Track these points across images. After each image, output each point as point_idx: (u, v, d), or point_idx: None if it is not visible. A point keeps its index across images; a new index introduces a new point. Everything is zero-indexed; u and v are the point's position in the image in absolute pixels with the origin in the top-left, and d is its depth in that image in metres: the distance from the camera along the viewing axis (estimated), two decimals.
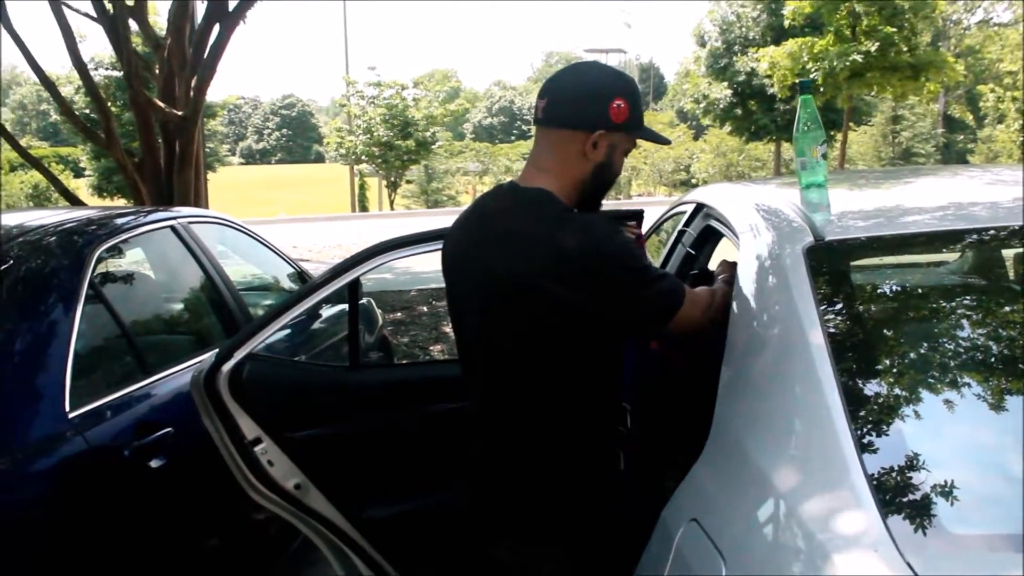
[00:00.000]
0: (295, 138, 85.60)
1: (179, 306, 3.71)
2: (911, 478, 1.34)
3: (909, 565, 1.15)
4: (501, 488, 2.01)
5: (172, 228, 3.55)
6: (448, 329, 8.72)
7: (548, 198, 1.89)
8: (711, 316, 1.96)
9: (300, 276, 4.75)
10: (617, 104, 1.91)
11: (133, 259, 3.55)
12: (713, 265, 3.12)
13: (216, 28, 8.78)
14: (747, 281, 1.89)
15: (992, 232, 1.98)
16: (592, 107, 1.91)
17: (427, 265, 2.17)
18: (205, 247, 3.67)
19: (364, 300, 5.13)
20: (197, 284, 3.64)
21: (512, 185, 1.99)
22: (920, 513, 1.27)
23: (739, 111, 30.67)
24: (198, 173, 9.39)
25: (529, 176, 1.96)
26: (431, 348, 8.15)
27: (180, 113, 8.64)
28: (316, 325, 4.23)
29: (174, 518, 2.76)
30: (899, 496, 1.31)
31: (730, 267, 2.16)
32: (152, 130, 8.88)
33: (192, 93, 8.82)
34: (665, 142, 2.15)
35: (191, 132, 8.78)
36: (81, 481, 2.42)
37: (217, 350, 2.43)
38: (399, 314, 9.71)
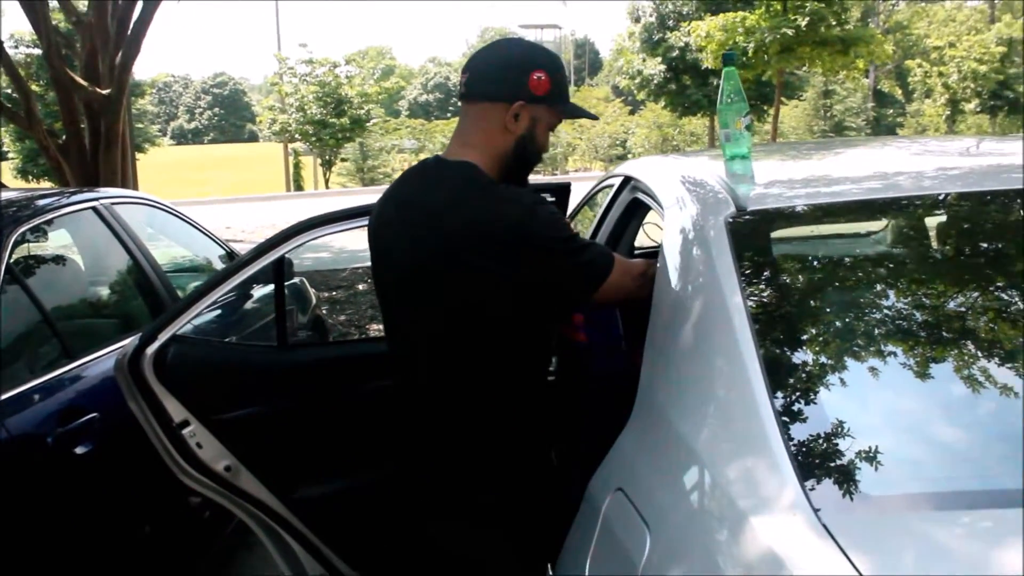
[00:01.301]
0: (227, 117, 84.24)
1: (104, 289, 3.63)
2: (830, 444, 1.36)
3: (826, 527, 1.17)
4: (433, 467, 2.01)
5: (95, 209, 3.46)
6: None
7: (472, 171, 1.89)
8: (644, 284, 1.95)
9: (231, 257, 4.67)
10: (537, 76, 1.91)
11: (55, 242, 3.46)
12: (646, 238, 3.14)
13: (140, 3, 8.56)
14: (671, 252, 1.90)
15: (914, 201, 2.01)
16: (511, 78, 1.92)
17: (363, 243, 2.15)
18: (130, 228, 3.59)
19: (296, 279, 5.07)
20: (122, 266, 3.56)
21: (437, 159, 1.99)
22: (838, 477, 1.29)
23: (673, 86, 30.88)
24: (125, 154, 9.19)
25: (454, 151, 1.96)
26: (368, 327, 8.09)
27: (104, 92, 8.44)
28: (247, 305, 4.17)
29: (103, 505, 2.70)
30: (818, 461, 1.33)
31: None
32: (76, 110, 8.66)
33: (117, 71, 8.63)
34: (592, 117, 2.16)
35: (117, 111, 8.59)
36: (2, 470, 2.36)
37: (140, 333, 2.39)
38: (335, 292, 9.62)
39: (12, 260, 2.78)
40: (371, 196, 2.54)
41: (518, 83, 1.91)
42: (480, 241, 1.79)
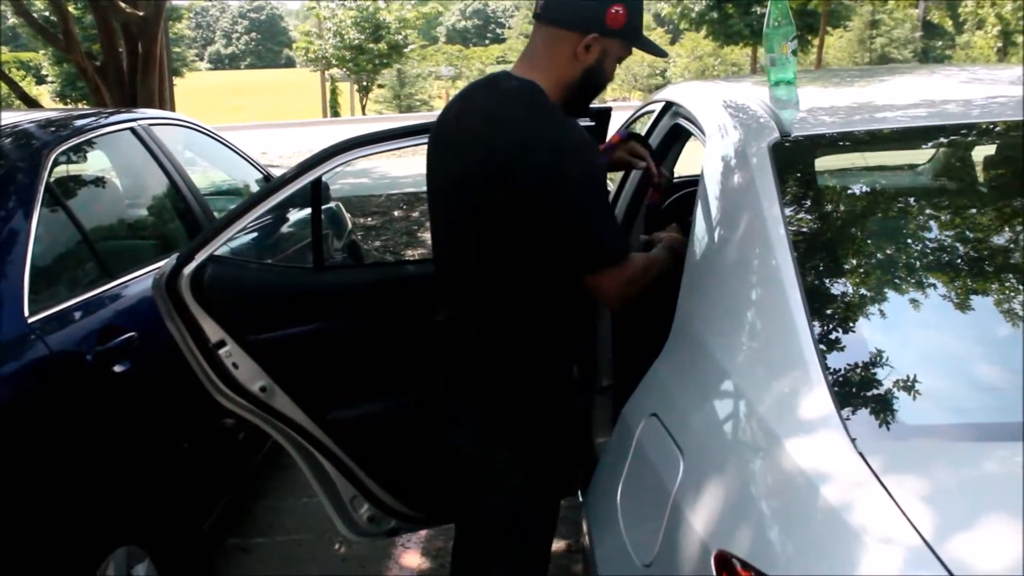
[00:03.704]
0: (264, 42, 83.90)
1: (141, 210, 3.64)
2: (868, 373, 1.35)
3: (862, 455, 1.16)
4: (450, 377, 2.03)
5: (132, 130, 3.45)
6: (421, 234, 8.68)
7: (534, 89, 1.87)
8: (631, 292, 1.88)
9: (267, 181, 4.67)
10: (615, 10, 1.87)
11: (93, 162, 3.47)
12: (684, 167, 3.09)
13: None
14: (712, 178, 1.87)
15: (961, 130, 1.96)
16: (589, 9, 1.87)
17: (406, 169, 2.13)
18: (168, 150, 3.58)
19: (332, 204, 5.07)
20: (160, 187, 3.57)
21: (505, 74, 1.97)
22: (875, 406, 1.28)
23: (715, 15, 30.20)
24: (162, 77, 9.18)
25: (520, 69, 1.94)
26: (404, 253, 8.11)
27: (141, 14, 8.40)
28: (284, 228, 4.18)
29: (141, 424, 2.75)
30: (855, 390, 1.32)
31: (676, 235, 2.11)
32: (113, 32, 8.64)
33: None
34: (663, 54, 2.13)
35: (154, 34, 8.55)
36: (42, 387, 2.40)
37: (178, 254, 2.39)
38: (370, 219, 9.64)
39: (51, 180, 2.78)
40: (407, 122, 2.51)
41: (596, 15, 1.87)
42: (525, 159, 1.78)
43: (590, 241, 1.83)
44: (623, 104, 29.62)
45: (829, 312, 1.47)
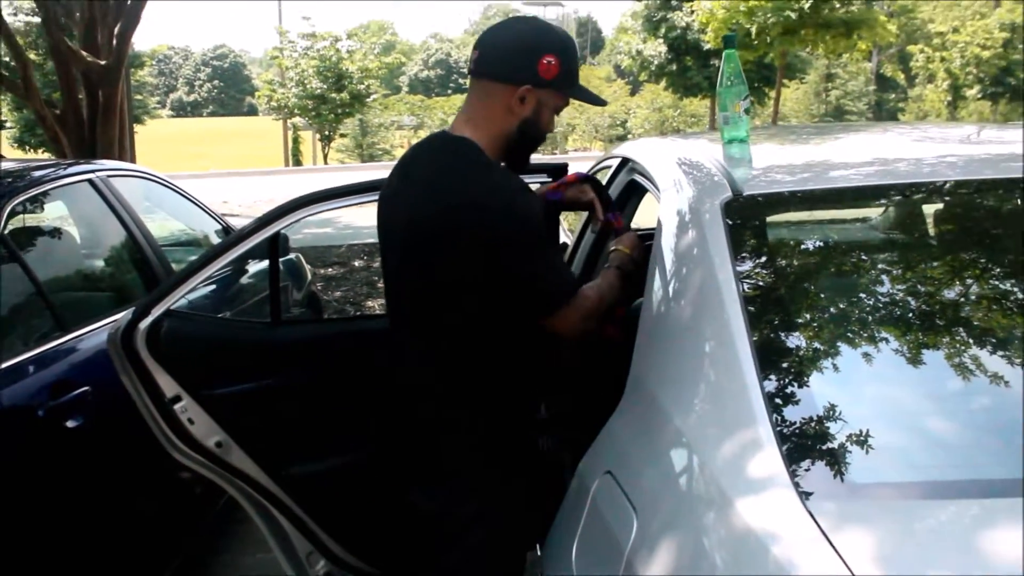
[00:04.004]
0: (227, 90, 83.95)
1: (98, 262, 3.62)
2: (819, 430, 1.35)
3: (811, 514, 1.17)
4: (421, 438, 2.03)
5: (91, 182, 3.44)
6: (383, 285, 8.65)
7: (470, 146, 1.90)
8: (589, 326, 1.95)
9: (226, 232, 4.66)
10: (547, 61, 1.91)
11: (50, 213, 3.45)
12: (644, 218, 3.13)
13: None
14: (666, 234, 1.90)
15: (912, 189, 2.00)
16: (521, 61, 1.91)
17: (368, 219, 2.16)
18: (126, 202, 3.57)
19: (292, 255, 5.06)
20: (117, 240, 3.55)
21: (441, 133, 2.01)
22: (826, 464, 1.29)
23: (674, 67, 30.73)
24: (123, 125, 9.15)
25: (458, 126, 1.97)
26: (365, 304, 8.09)
27: (103, 62, 8.39)
28: (243, 281, 4.16)
29: (94, 479, 2.71)
30: (806, 447, 1.33)
31: (627, 251, 2.13)
32: (74, 80, 8.62)
33: (116, 41, 8.58)
34: (600, 103, 2.15)
35: (115, 82, 8.54)
36: None
37: (134, 307, 2.38)
38: (331, 269, 9.61)
39: (7, 231, 2.76)
40: (370, 172, 2.54)
41: (527, 67, 1.90)
42: (458, 216, 1.81)
43: (538, 289, 1.87)
44: (584, 155, 29.98)
45: (781, 369, 1.48)
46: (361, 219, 12.75)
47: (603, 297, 1.98)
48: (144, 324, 2.33)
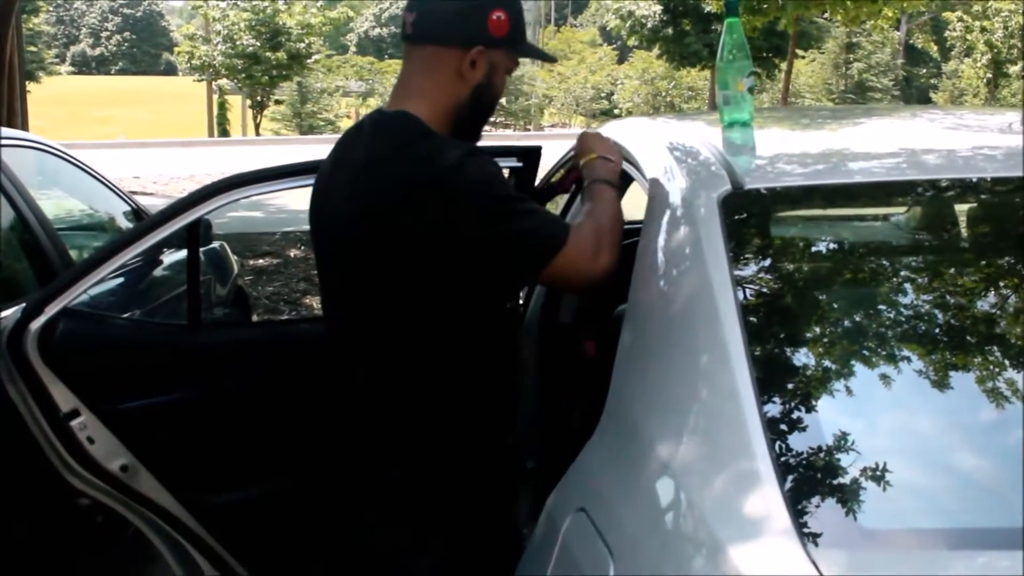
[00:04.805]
0: (140, 44, 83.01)
1: None
2: (826, 467, 1.37)
3: (814, 563, 1.19)
4: (373, 466, 2.03)
5: None
6: None
7: (406, 121, 1.91)
8: (601, 261, 1.91)
9: (137, 214, 4.63)
10: (496, 16, 1.93)
11: None
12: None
13: None
14: (653, 233, 1.91)
15: (942, 184, 2.02)
16: (468, 20, 1.93)
17: (304, 202, 2.17)
18: (15, 177, 3.54)
19: (215, 244, 5.04)
20: (4, 222, 3.51)
21: (377, 112, 2.03)
22: (832, 505, 1.31)
23: (670, 31, 30.83)
24: (12, 82, 9.05)
25: (396, 101, 1.98)
26: (303, 301, 8.06)
27: None
28: (155, 274, 4.14)
29: None
30: (810, 485, 1.34)
31: (594, 156, 2.15)
32: None
33: None
34: (549, 59, 2.23)
35: (3, 32, 8.43)
36: None
37: (24, 304, 2.36)
38: (262, 260, 9.57)
39: None
40: (309, 146, 2.54)
41: (476, 25, 1.93)
42: (403, 199, 1.82)
43: (521, 243, 1.87)
44: (562, 132, 30.04)
45: (784, 391, 1.50)
46: (297, 202, 12.64)
47: (598, 220, 1.96)
48: (36, 325, 2.31)
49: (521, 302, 2.81)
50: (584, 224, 1.95)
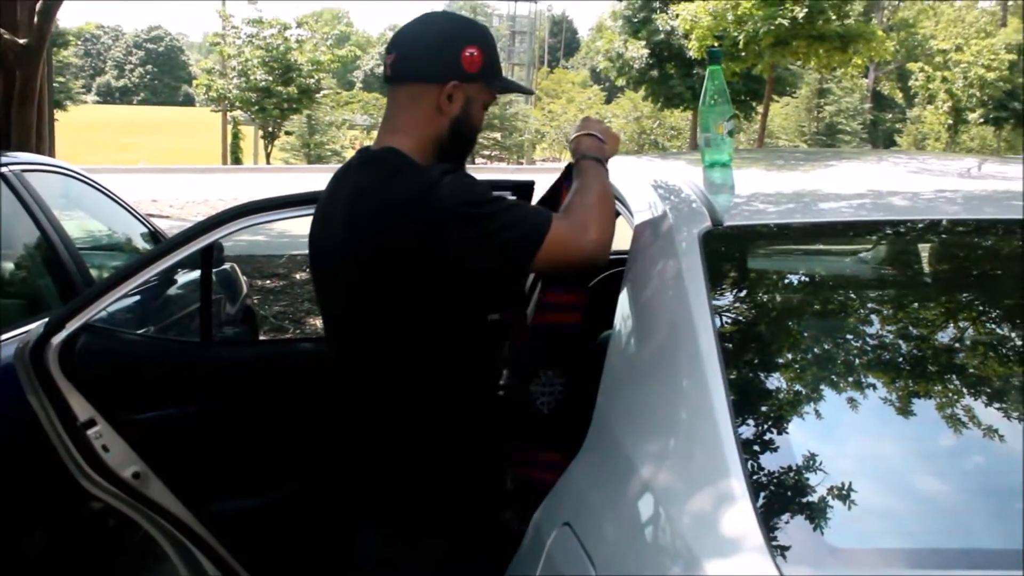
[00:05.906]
0: (161, 76, 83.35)
1: (7, 264, 3.57)
2: (798, 486, 1.36)
3: None
4: (371, 474, 2.02)
5: (2, 176, 3.40)
6: None
7: (391, 155, 1.92)
8: (595, 230, 1.89)
9: (154, 236, 4.63)
10: (470, 52, 1.95)
11: None
12: None
13: None
14: (639, 265, 1.92)
15: (906, 225, 2.03)
16: (443, 57, 1.95)
17: (304, 227, 2.18)
18: (41, 200, 3.54)
19: (227, 266, 5.03)
20: (30, 241, 3.51)
21: (364, 149, 2.04)
22: (802, 523, 1.30)
23: (655, 73, 31.00)
24: (42, 112, 9.04)
25: (381, 138, 2.00)
26: (307, 320, 8.05)
27: (22, 41, 8.29)
28: (170, 293, 4.13)
29: None
30: (781, 504, 1.34)
31: (583, 132, 2.13)
32: None
33: (37, 18, 8.47)
34: (526, 92, 2.21)
35: (35, 63, 8.44)
36: None
37: (47, 319, 2.36)
38: (269, 281, 9.56)
39: None
40: (316, 174, 2.54)
41: (450, 61, 1.95)
42: (392, 221, 1.81)
43: (513, 233, 1.84)
44: (553, 165, 30.13)
45: (758, 414, 1.49)
46: (297, 227, 12.65)
47: (585, 196, 1.94)
48: (57, 339, 2.30)
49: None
50: (572, 201, 1.95)
